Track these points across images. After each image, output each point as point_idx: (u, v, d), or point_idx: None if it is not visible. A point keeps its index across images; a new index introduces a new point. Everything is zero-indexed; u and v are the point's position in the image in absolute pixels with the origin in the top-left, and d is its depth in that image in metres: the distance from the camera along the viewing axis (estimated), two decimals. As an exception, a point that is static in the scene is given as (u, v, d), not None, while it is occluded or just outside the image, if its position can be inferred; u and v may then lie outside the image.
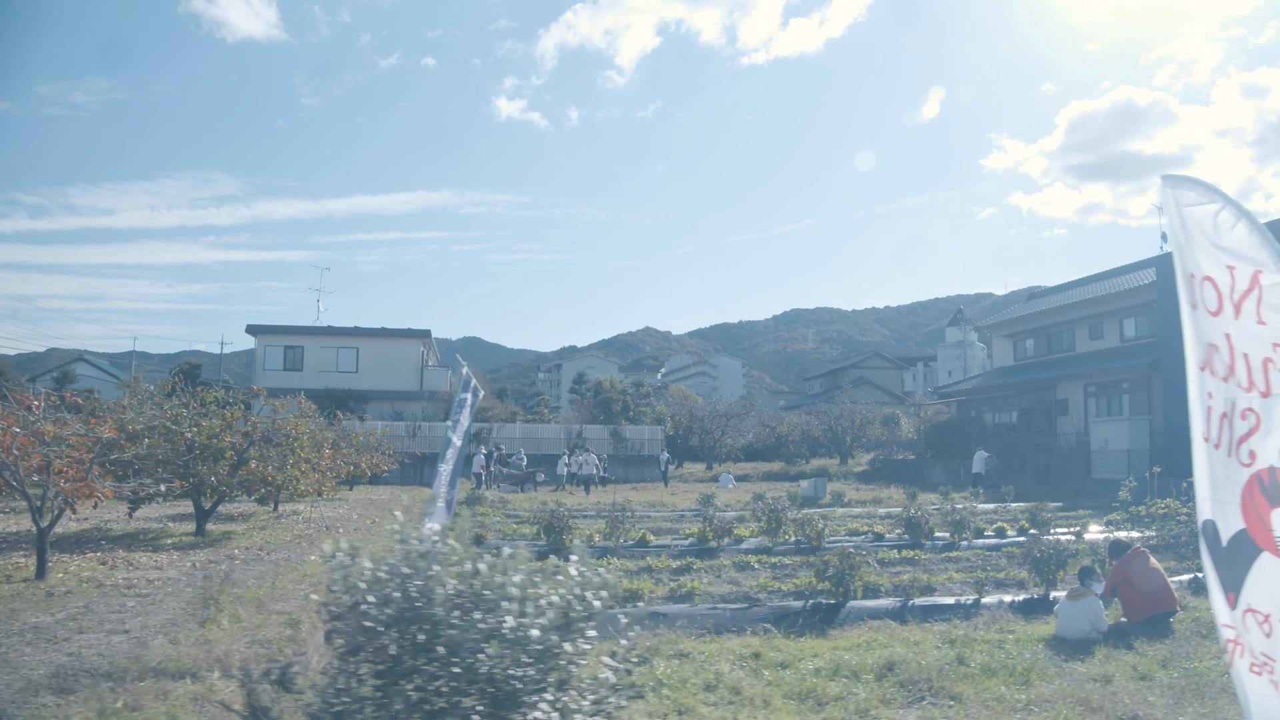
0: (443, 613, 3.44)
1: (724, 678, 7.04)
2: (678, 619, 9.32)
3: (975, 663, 7.36)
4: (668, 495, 30.19)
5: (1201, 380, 4.09)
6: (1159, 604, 8.64)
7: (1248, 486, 3.68)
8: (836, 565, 9.58)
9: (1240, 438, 3.72)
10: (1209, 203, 3.85)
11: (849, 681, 7.05)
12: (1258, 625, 3.71)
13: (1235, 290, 3.73)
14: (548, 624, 3.50)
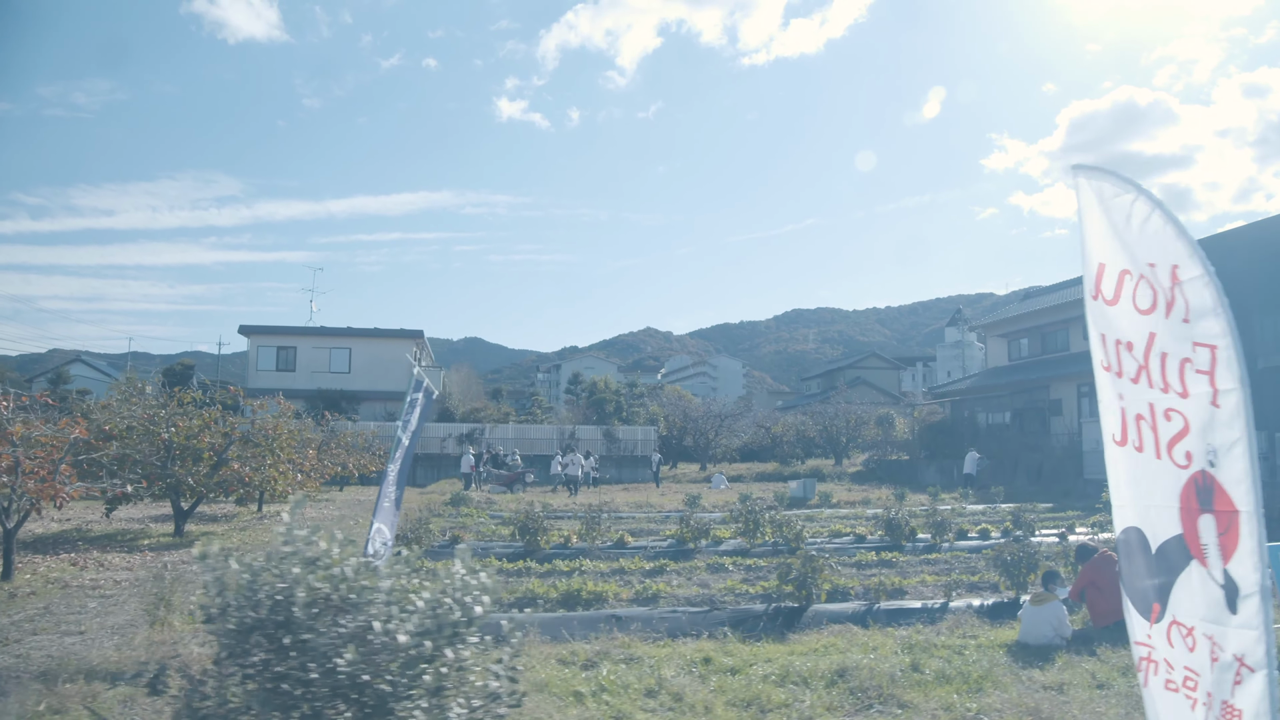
0: (302, 616, 3.29)
1: (667, 683, 6.86)
2: (635, 622, 9.15)
3: (930, 669, 7.18)
4: (657, 496, 30.02)
5: (1109, 381, 3.91)
6: (1122, 611, 8.46)
7: (1185, 490, 3.50)
8: (799, 568, 9.41)
9: (1171, 440, 3.53)
10: (1124, 193, 3.66)
11: (798, 688, 6.88)
12: (1181, 639, 3.54)
13: (1155, 285, 3.55)
14: (416, 629, 3.34)
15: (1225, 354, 3.25)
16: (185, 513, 17.65)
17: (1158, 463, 3.58)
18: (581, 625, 9.05)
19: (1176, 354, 3.44)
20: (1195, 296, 3.39)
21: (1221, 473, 3.26)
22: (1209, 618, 3.36)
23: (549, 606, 10.49)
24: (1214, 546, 3.30)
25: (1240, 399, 3.19)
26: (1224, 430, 3.25)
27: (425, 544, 15.11)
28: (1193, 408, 3.38)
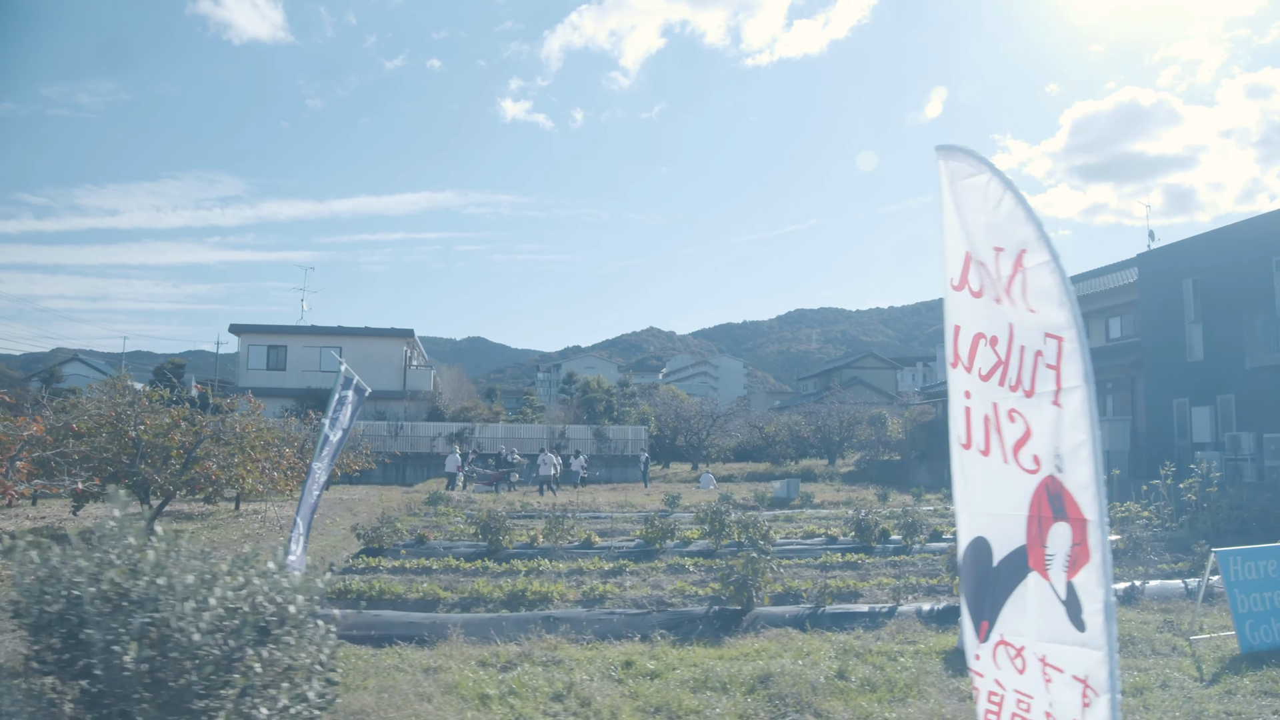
0: (92, 611, 3.13)
1: (578, 687, 6.69)
2: (571, 624, 8.97)
3: (857, 677, 6.97)
4: (641, 496, 29.83)
5: (958, 379, 3.67)
6: None
7: (1036, 497, 3.22)
8: (740, 570, 9.22)
9: (1016, 443, 3.29)
10: (978, 174, 3.44)
11: (714, 695, 6.69)
12: (1009, 659, 3.29)
13: (1002, 273, 3.33)
14: (211, 627, 3.18)
15: (1071, 347, 3.01)
16: (155, 511, 17.50)
17: (1004, 467, 3.34)
18: (516, 626, 8.88)
19: (1032, 347, 3.21)
20: (1041, 283, 3.15)
21: (1068, 478, 3.03)
22: (1044, 636, 3.11)
23: (493, 607, 10.34)
24: (1061, 558, 3.05)
25: (1085, 397, 2.95)
26: (1069, 432, 3.02)
27: (387, 543, 14.98)
28: (1036, 407, 3.15)
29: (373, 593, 10.79)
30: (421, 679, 6.99)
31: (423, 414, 43.03)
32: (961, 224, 3.56)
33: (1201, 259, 26.21)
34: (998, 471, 3.38)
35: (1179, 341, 26.58)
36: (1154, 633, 8.46)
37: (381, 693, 6.60)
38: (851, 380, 64.41)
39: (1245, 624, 7.79)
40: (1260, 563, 8.11)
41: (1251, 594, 7.93)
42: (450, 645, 8.11)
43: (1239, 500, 18.46)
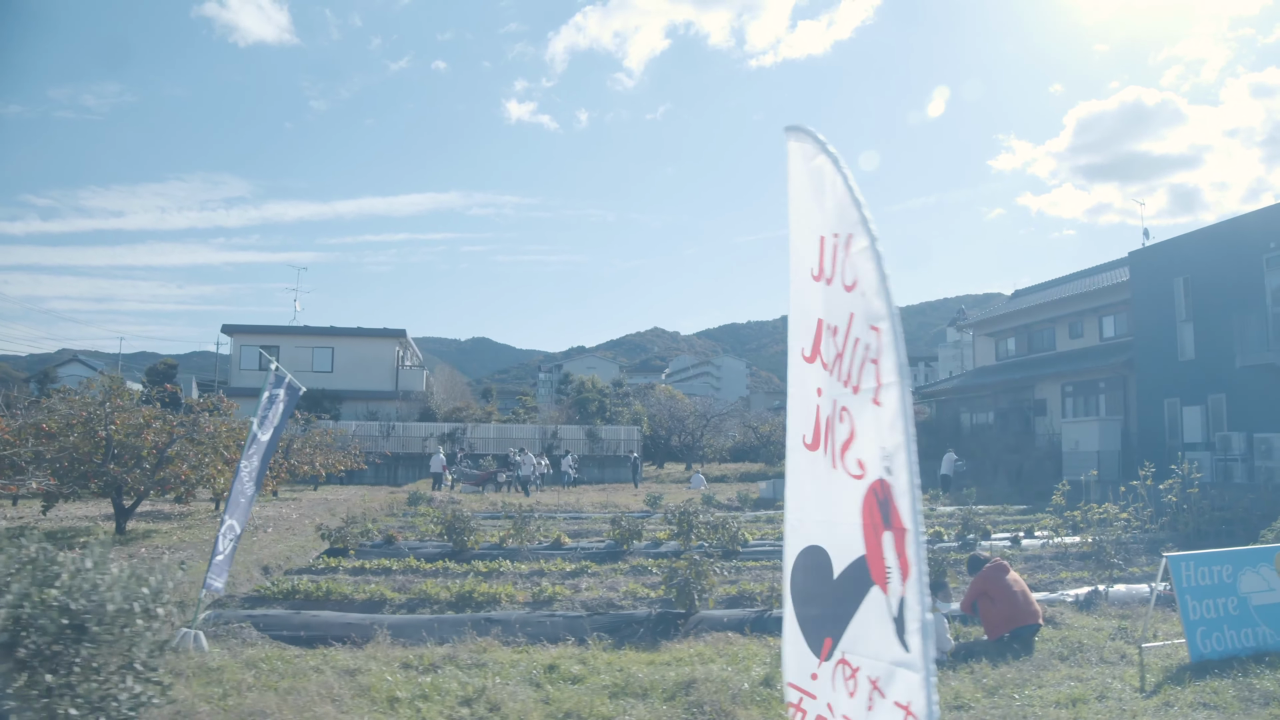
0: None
1: (490, 692, 6.48)
2: (509, 626, 8.77)
3: (783, 685, 6.75)
4: (627, 496, 29.62)
5: (810, 373, 3.41)
6: (1015, 619, 7.99)
7: (866, 503, 2.94)
8: (684, 573, 9.01)
9: (843, 444, 3.05)
10: (818, 155, 3.23)
11: (634, 701, 6.48)
12: (844, 680, 3.04)
13: (837, 259, 3.10)
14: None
15: (887, 339, 2.78)
16: (127, 511, 17.34)
17: (833, 472, 3.10)
18: (454, 628, 8.68)
19: (863, 340, 2.97)
20: (863, 269, 2.93)
21: (895, 483, 2.80)
22: (879, 655, 2.86)
23: (439, 608, 10.17)
24: (896, 570, 2.83)
25: (899, 394, 2.72)
26: (888, 433, 2.78)
27: (352, 544, 14.81)
28: (861, 405, 2.92)
29: (319, 593, 10.61)
30: (337, 681, 6.81)
31: (415, 414, 42.89)
32: (809, 208, 3.34)
33: (1192, 257, 25.90)
34: (830, 475, 3.14)
35: (1170, 340, 26.27)
36: (1105, 640, 8.20)
37: (288, 694, 6.41)
38: (850, 380, 64.04)
39: (1196, 631, 7.53)
40: (1214, 568, 7.85)
41: (1204, 600, 7.66)
42: (377, 647, 7.92)
43: (1221, 501, 18.17)
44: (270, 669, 7.23)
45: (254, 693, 6.48)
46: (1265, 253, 23.28)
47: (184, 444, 18.02)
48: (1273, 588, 7.94)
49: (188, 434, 18.31)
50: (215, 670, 7.08)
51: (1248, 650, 7.53)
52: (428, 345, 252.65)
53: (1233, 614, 7.69)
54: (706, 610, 9.23)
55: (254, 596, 10.66)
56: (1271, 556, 8.13)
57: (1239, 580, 7.85)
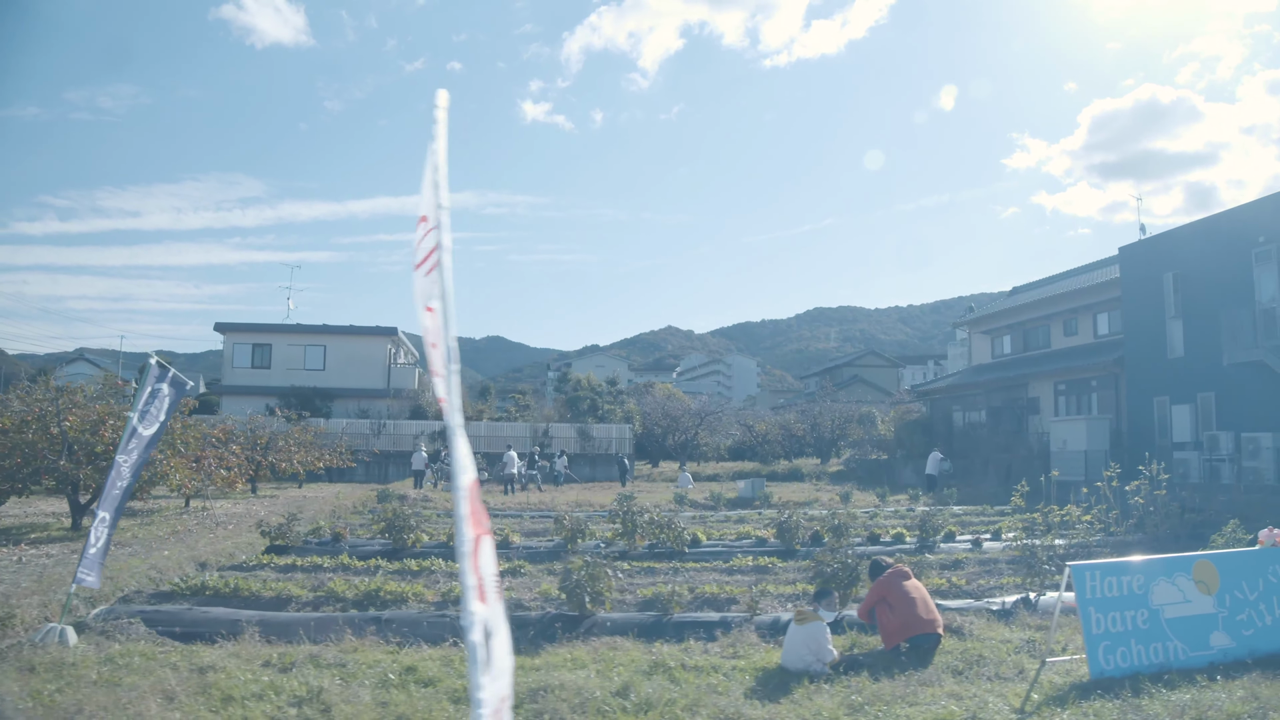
0: None
1: (326, 693, 6.19)
2: (398, 624, 8.48)
3: (640, 695, 6.38)
4: (610, 495, 29.28)
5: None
6: (911, 627, 7.55)
7: (472, 495, 2.74)
8: (577, 575, 8.69)
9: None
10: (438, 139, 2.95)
11: (467, 705, 6.18)
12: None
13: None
14: None
15: (438, 324, 2.62)
16: (83, 506, 17.22)
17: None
18: (342, 626, 8.40)
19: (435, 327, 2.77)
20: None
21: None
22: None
23: (343, 606, 9.91)
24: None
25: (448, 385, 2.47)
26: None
27: (292, 541, 14.59)
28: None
29: (227, 590, 10.40)
30: (186, 678, 6.58)
31: (406, 412, 42.74)
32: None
33: (1181, 251, 25.31)
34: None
35: (1159, 338, 25.69)
36: (1009, 654, 7.71)
37: (123, 690, 6.18)
38: (852, 378, 63.53)
39: (1099, 646, 7.01)
40: (1123, 578, 7.32)
41: (1110, 613, 7.14)
42: (244, 644, 7.69)
43: (1202, 502, 17.64)
44: (125, 665, 7.01)
45: (90, 688, 6.26)
46: (1254, 246, 22.66)
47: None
48: (1189, 600, 7.45)
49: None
50: (69, 666, 6.85)
51: (1154, 666, 7.04)
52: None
53: (1142, 628, 7.20)
54: (604, 613, 8.90)
55: (162, 593, 10.45)
56: (1189, 566, 7.63)
57: (1151, 592, 7.35)
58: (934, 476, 29.05)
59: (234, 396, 40.96)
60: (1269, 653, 7.41)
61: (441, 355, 2.51)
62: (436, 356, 2.53)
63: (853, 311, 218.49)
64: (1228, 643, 7.43)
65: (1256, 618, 7.63)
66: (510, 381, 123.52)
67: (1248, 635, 7.51)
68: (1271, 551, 8.09)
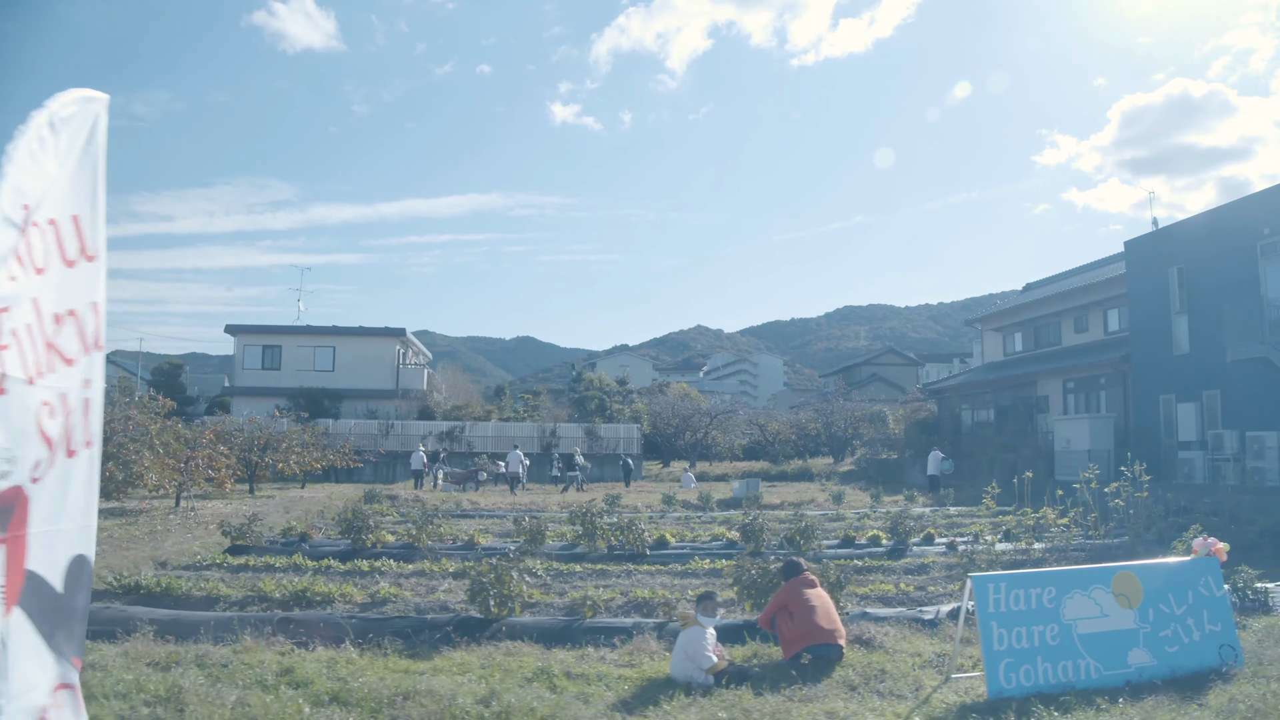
0: None
1: (185, 693, 6.10)
2: (310, 625, 8.39)
3: (503, 702, 6.19)
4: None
5: None
6: (808, 638, 7.21)
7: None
8: (484, 578, 8.50)
9: None
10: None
11: (337, 710, 6.04)
12: (74, 706, 2.54)
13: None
14: None
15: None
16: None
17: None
18: (243, 626, 8.30)
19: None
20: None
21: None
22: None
23: (267, 606, 9.86)
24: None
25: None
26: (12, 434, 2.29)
27: (253, 541, 14.58)
28: None
29: (158, 589, 10.42)
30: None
31: (414, 412, 42.87)
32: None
33: (1187, 245, 24.57)
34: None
35: (1165, 334, 24.98)
36: (915, 669, 7.31)
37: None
38: (871, 377, 62.79)
39: (1000, 664, 6.57)
40: (1033, 590, 6.91)
41: (1016, 628, 6.72)
42: (135, 643, 7.71)
43: (1180, 504, 17.05)
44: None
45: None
46: (1259, 239, 21.93)
47: (122, 441, 17.97)
48: (1107, 614, 6.99)
49: (123, 432, 18.27)
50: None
51: (1061, 686, 6.60)
52: (473, 344, 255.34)
53: (1051, 644, 6.76)
54: (515, 618, 8.71)
55: (96, 591, 10.45)
56: (1109, 578, 7.16)
57: (1063, 605, 6.91)
58: (935, 477, 28.51)
59: (245, 398, 41.36)
60: (1193, 671, 6.95)
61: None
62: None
63: (883, 310, 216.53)
64: (1148, 660, 6.94)
65: (1183, 633, 7.15)
66: (540, 382, 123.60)
67: (1171, 653, 7.04)
68: (1203, 562, 7.60)
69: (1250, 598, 9.69)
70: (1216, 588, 7.47)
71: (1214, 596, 7.41)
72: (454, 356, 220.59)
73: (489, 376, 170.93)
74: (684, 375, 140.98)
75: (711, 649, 6.96)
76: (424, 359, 49.50)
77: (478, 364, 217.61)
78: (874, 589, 11.27)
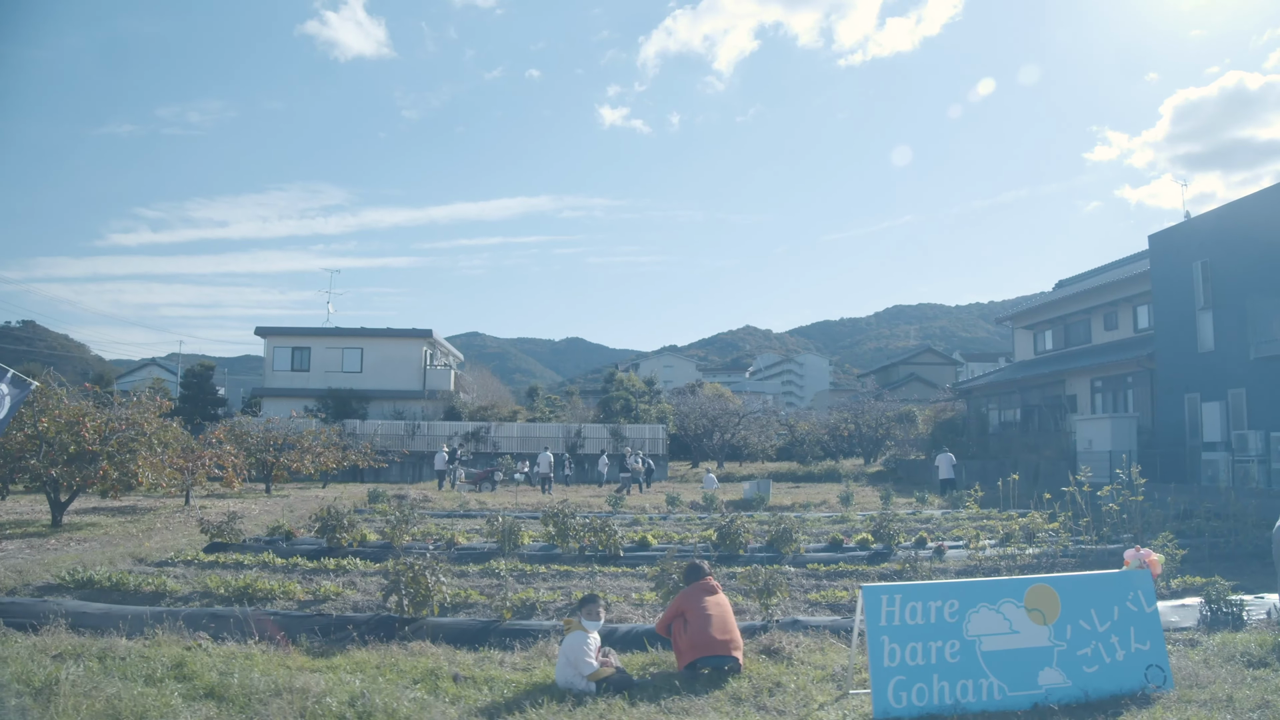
0: None
1: (60, 684, 6.14)
2: (240, 621, 8.49)
3: (372, 702, 6.10)
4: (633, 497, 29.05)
5: None
6: (700, 647, 6.96)
7: None
8: (399, 577, 8.44)
9: None
10: None
11: (205, 703, 6.15)
12: None
13: None
14: None
15: None
16: (62, 504, 17.79)
17: None
18: (186, 621, 8.46)
19: None
20: None
21: None
22: None
23: (208, 602, 10.04)
24: None
25: None
26: None
27: (231, 539, 14.75)
28: None
29: (108, 584, 10.62)
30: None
31: (440, 413, 43.22)
32: None
33: (1211, 238, 23.65)
34: None
35: (1189, 330, 24.08)
36: (815, 682, 6.91)
37: None
38: (909, 376, 61.76)
39: (890, 682, 6.19)
40: (931, 603, 6.46)
41: (910, 643, 6.30)
42: (45, 635, 7.82)
43: (1179, 508, 16.37)
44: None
45: None
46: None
47: (124, 441, 18.33)
48: (1018, 630, 6.52)
49: (126, 432, 18.59)
50: None
51: (958, 708, 6.17)
52: (522, 346, 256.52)
53: (950, 661, 6.32)
54: (434, 618, 8.64)
55: (49, 585, 10.74)
56: (1022, 591, 6.68)
57: (968, 620, 6.46)
58: (950, 479, 27.91)
59: (274, 399, 42.11)
60: (1111, 694, 6.45)
61: None
62: None
63: (933, 309, 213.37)
64: (1061, 681, 6.46)
65: (1104, 652, 6.65)
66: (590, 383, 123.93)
67: (1089, 673, 6.55)
68: (1132, 575, 7.06)
69: (1223, 611, 9.12)
70: (1147, 603, 6.93)
71: (1143, 612, 6.89)
72: (504, 358, 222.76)
73: (537, 377, 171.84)
74: (730, 376, 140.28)
75: (594, 655, 6.77)
76: (454, 360, 49.88)
77: (527, 365, 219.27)
78: (827, 595, 10.94)
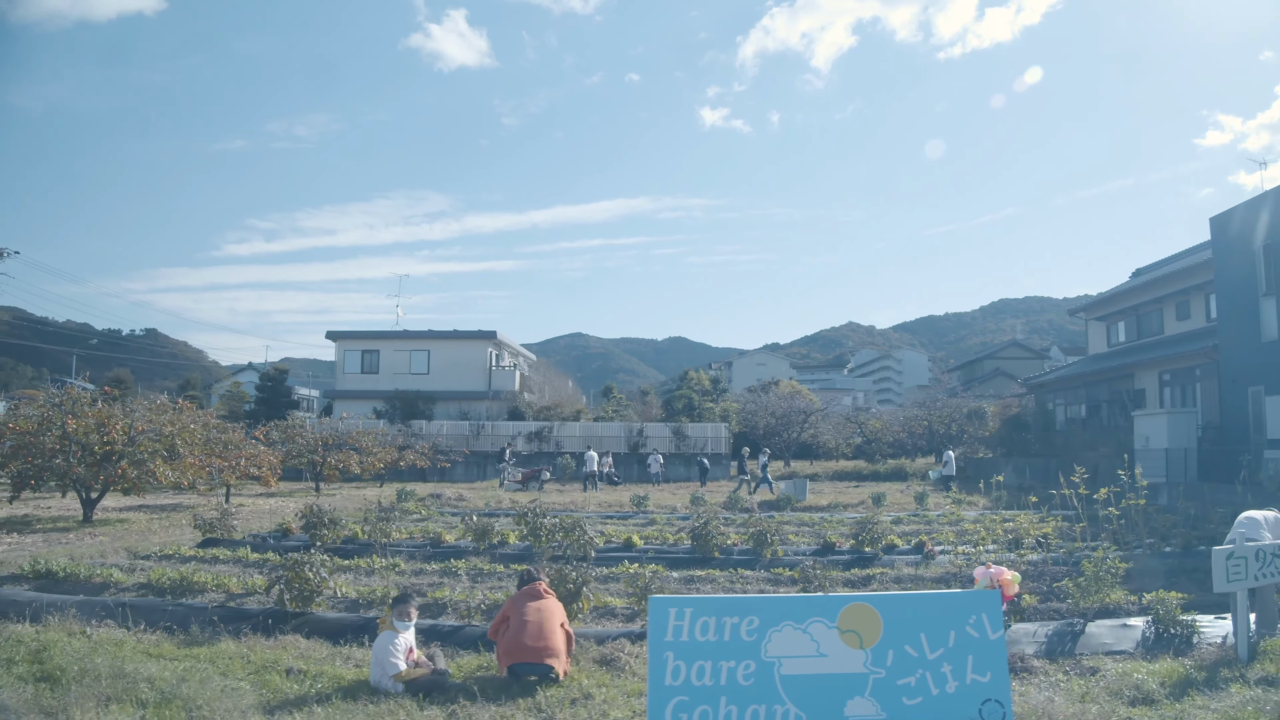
0: None
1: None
2: (140, 610, 8.95)
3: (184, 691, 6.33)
4: (667, 495, 28.89)
5: None
6: (515, 654, 6.86)
7: None
8: (285, 572, 8.71)
9: None
10: None
11: (39, 686, 6.47)
12: None
13: None
14: None
15: None
16: (92, 501, 18.82)
17: None
18: (78, 609, 8.96)
19: None
20: None
21: None
22: None
23: (144, 592, 10.52)
24: None
25: None
26: None
27: (222, 535, 15.34)
28: None
29: (62, 574, 11.22)
30: None
31: (504, 413, 43.93)
32: None
33: (1274, 218, 21.92)
34: None
35: (1252, 319, 22.37)
36: (625, 696, 6.53)
37: None
38: (994, 371, 59.33)
39: (669, 702, 5.46)
40: (723, 619, 5.73)
41: (698, 661, 5.58)
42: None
43: (1189, 513, 15.20)
44: None
45: None
46: (1350, 209, 19.33)
47: (149, 441, 19.28)
48: (827, 653, 5.72)
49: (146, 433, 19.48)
50: None
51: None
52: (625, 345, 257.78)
53: (743, 684, 5.59)
54: (321, 613, 8.85)
55: (12, 575, 11.52)
56: (837, 610, 5.86)
57: (768, 639, 5.71)
58: (950, 476, 26.86)
59: (345, 401, 43.67)
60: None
61: None
62: None
63: (1040, 302, 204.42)
64: (873, 712, 5.64)
65: (932, 683, 5.76)
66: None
67: (910, 705, 5.67)
68: (978, 596, 6.18)
69: (1171, 633, 8.26)
70: (991, 628, 5.96)
71: (986, 639, 5.94)
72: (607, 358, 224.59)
73: (641, 377, 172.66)
74: (827, 373, 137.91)
75: (403, 655, 6.76)
76: (522, 360, 50.62)
77: (630, 365, 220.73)
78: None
